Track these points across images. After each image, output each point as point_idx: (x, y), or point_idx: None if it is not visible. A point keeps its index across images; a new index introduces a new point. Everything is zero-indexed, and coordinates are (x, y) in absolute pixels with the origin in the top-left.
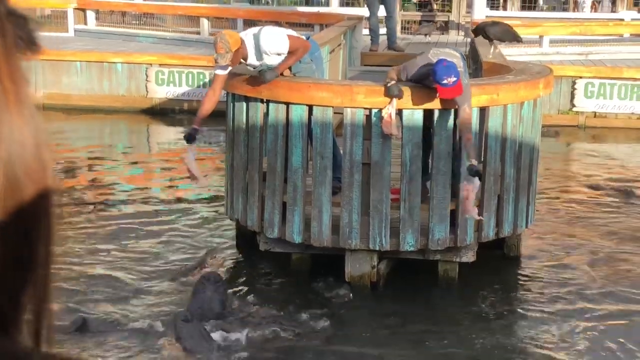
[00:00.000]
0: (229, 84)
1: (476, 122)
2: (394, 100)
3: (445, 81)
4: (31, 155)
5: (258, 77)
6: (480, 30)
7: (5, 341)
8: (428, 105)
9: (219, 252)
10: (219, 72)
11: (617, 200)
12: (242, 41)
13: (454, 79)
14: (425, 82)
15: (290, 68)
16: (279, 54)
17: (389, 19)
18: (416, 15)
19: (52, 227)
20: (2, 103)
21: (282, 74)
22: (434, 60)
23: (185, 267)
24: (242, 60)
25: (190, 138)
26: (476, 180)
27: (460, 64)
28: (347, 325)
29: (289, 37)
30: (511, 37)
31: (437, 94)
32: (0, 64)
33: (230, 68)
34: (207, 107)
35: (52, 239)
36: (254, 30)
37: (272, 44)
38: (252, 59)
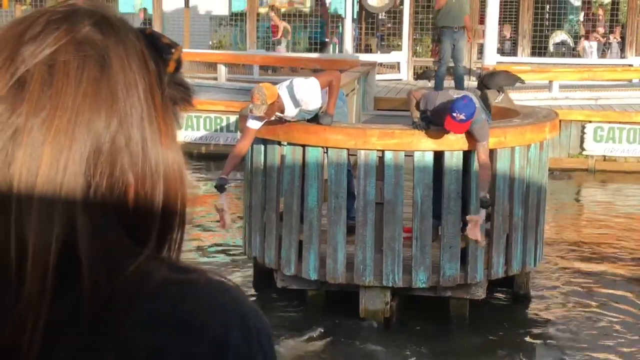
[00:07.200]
0: None
1: None
2: None
3: (455, 114)
4: (175, 175)
5: (311, 123)
6: (480, 85)
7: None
8: (439, 147)
9: None
10: (252, 125)
11: (626, 241)
12: (279, 95)
13: (463, 117)
14: (440, 115)
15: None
16: (314, 98)
17: (457, 67)
18: (428, 60)
19: (185, 207)
20: (157, 138)
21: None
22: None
23: None
24: (279, 114)
25: (221, 188)
26: (482, 212)
27: (476, 103)
28: None
29: (316, 76)
30: (512, 81)
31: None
32: (158, 112)
33: (264, 121)
34: (236, 159)
35: (185, 212)
36: (286, 83)
37: (306, 89)
38: (289, 110)
